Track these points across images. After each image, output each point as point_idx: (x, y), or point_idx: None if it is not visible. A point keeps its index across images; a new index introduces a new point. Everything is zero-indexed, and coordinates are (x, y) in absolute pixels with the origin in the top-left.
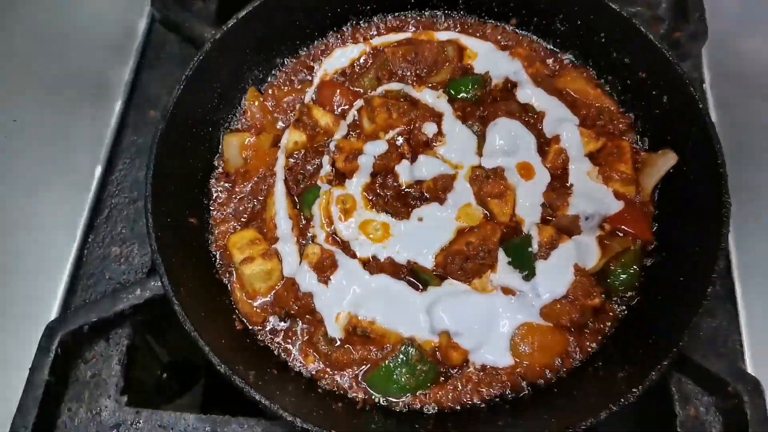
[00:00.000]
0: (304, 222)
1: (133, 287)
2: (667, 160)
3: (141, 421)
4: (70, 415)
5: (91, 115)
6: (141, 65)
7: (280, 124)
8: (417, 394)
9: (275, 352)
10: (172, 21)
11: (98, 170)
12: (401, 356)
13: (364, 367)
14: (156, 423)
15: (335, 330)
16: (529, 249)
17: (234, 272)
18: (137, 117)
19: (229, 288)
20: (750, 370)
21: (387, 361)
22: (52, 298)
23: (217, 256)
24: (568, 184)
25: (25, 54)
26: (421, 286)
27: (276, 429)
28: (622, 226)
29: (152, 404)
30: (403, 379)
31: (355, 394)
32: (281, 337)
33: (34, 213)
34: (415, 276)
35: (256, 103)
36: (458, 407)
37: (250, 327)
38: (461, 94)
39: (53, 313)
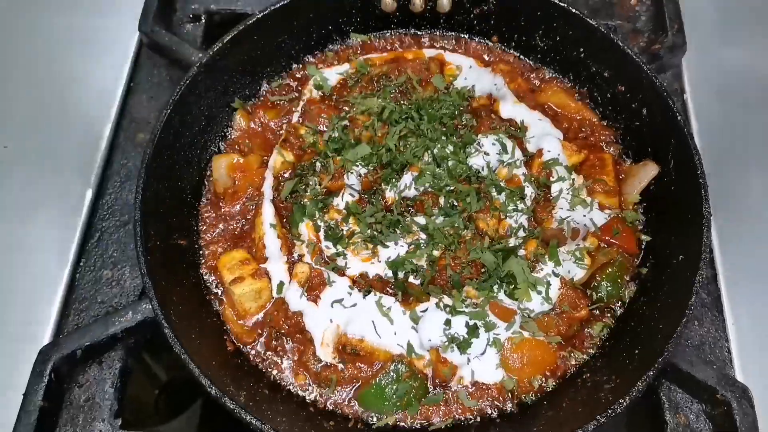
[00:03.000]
0: (292, 241)
1: (125, 310)
2: (648, 171)
3: None
4: None
5: (81, 139)
6: (130, 89)
7: (267, 144)
8: (408, 410)
9: (266, 372)
10: (160, 45)
11: (89, 194)
12: (391, 374)
13: (354, 385)
14: None
15: (323, 353)
16: (516, 263)
17: (224, 293)
18: (127, 140)
19: (220, 309)
20: (738, 377)
21: (377, 379)
22: (45, 323)
23: (208, 277)
24: (552, 197)
25: (15, 80)
26: (410, 302)
27: None
28: (607, 238)
29: (147, 426)
30: (394, 397)
31: (346, 413)
32: (272, 356)
33: (26, 238)
34: (403, 292)
35: (244, 124)
36: (449, 422)
37: (241, 347)
38: (444, 110)
39: (46, 338)
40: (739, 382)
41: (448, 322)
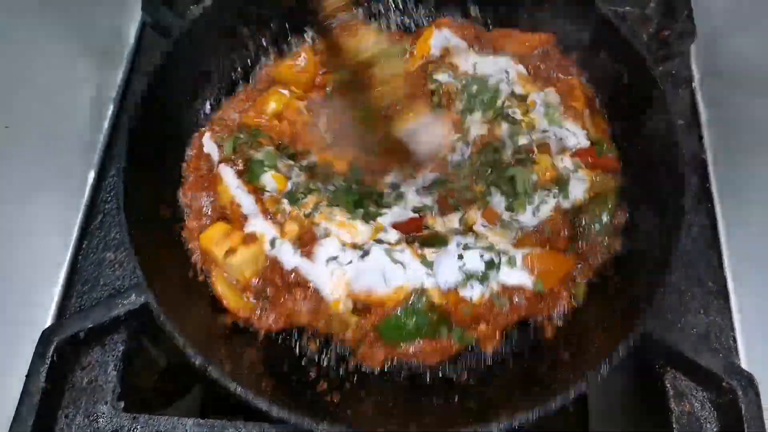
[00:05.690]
0: (264, 195)
1: (128, 293)
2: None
3: (138, 427)
4: (67, 422)
5: (84, 121)
6: (132, 70)
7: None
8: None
9: (265, 342)
10: (163, 25)
11: (91, 175)
12: (412, 305)
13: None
14: (153, 428)
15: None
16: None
17: (214, 268)
18: None
19: (211, 285)
20: (744, 365)
21: (398, 311)
22: (47, 305)
23: (194, 254)
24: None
25: (17, 60)
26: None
27: None
28: (589, 159)
29: (150, 410)
30: (414, 327)
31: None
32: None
33: (28, 219)
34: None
35: None
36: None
37: (239, 321)
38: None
39: (49, 320)
40: (745, 371)
41: (460, 257)
